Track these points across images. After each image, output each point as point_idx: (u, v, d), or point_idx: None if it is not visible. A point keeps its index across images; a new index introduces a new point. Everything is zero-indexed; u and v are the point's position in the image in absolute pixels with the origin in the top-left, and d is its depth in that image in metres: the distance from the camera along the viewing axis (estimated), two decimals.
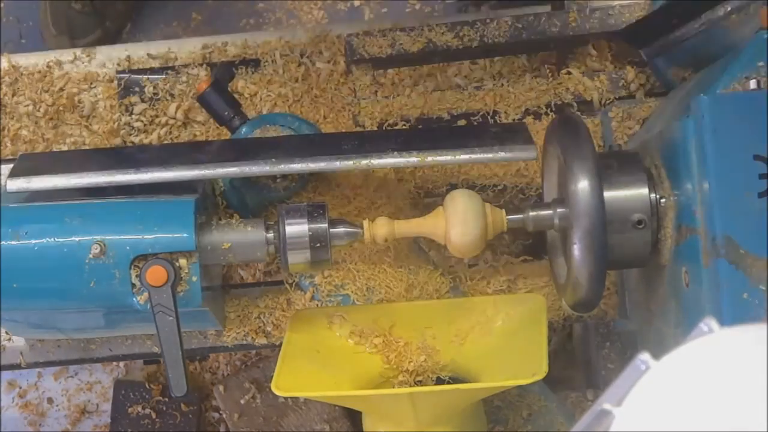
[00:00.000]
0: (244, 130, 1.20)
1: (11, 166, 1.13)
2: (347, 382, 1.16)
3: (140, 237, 1.07)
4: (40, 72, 1.34)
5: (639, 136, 1.24)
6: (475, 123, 1.30)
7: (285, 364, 1.12)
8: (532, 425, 1.30)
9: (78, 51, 1.36)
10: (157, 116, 1.33)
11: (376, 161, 1.11)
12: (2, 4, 1.96)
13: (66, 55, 1.36)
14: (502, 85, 1.33)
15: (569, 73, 1.33)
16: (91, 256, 1.06)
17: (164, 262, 1.06)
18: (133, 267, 1.07)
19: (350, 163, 1.11)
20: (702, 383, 0.57)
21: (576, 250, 1.04)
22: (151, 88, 1.33)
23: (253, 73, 1.35)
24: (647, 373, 0.59)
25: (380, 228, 1.11)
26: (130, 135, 1.33)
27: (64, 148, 1.33)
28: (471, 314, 1.20)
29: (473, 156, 1.10)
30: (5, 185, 1.10)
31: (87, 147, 1.33)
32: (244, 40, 1.36)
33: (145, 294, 1.06)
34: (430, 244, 1.25)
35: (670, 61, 1.24)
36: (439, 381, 1.20)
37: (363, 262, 1.24)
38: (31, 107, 1.34)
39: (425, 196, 1.30)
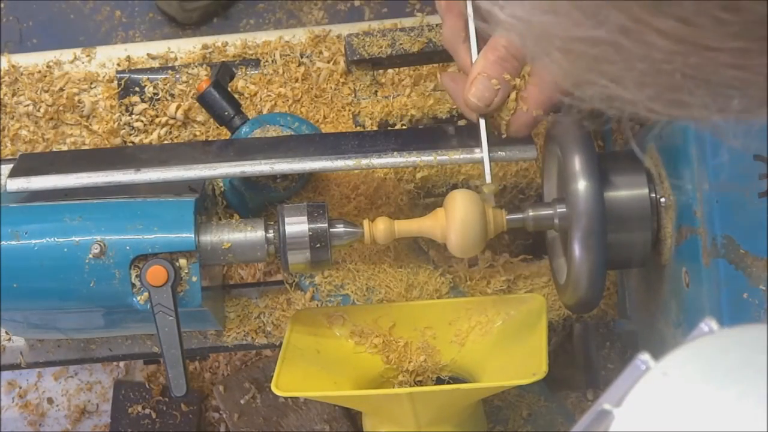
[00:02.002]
0: (244, 130, 1.20)
1: (11, 166, 1.13)
2: (347, 382, 1.16)
3: (140, 237, 1.07)
4: (40, 72, 1.34)
5: (639, 136, 1.24)
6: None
7: (285, 364, 1.12)
8: (532, 425, 1.30)
9: (78, 51, 1.36)
10: (157, 116, 1.33)
11: (376, 161, 1.11)
12: (2, 4, 1.96)
13: (66, 55, 1.36)
14: None
15: None
16: (91, 256, 1.06)
17: (164, 262, 1.06)
18: (133, 267, 1.07)
19: (350, 163, 1.11)
20: (702, 383, 0.57)
21: (576, 250, 1.04)
22: (151, 88, 1.33)
23: (253, 73, 1.34)
24: (647, 373, 0.59)
25: (380, 228, 1.11)
26: (130, 135, 1.33)
27: (64, 148, 1.33)
28: (471, 314, 1.20)
29: (473, 156, 1.10)
30: (5, 185, 1.10)
31: (87, 147, 1.33)
32: (244, 40, 1.36)
33: (145, 294, 1.06)
34: (430, 244, 1.25)
35: None
36: (439, 381, 1.20)
37: (363, 262, 1.24)
38: (31, 107, 1.34)
39: (425, 196, 1.30)
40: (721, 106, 0.53)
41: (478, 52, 1.03)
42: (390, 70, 1.33)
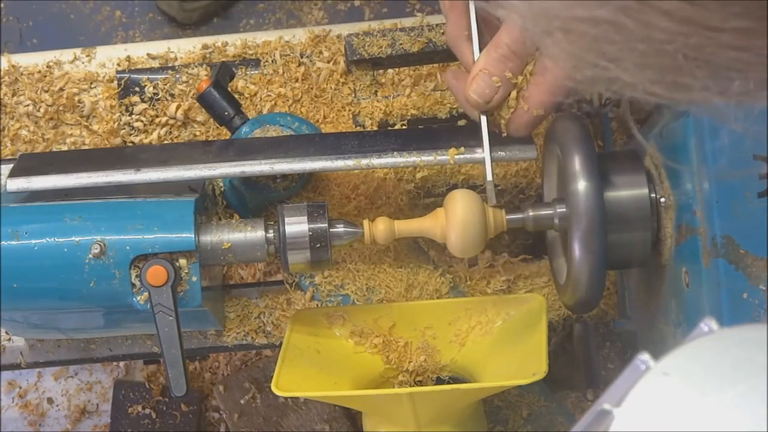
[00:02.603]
0: (244, 130, 1.20)
1: (11, 166, 1.13)
2: (347, 382, 1.16)
3: (140, 237, 1.07)
4: (40, 72, 1.34)
5: (639, 134, 1.24)
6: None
7: (285, 364, 1.12)
8: (532, 425, 1.30)
9: (78, 51, 1.36)
10: (157, 116, 1.33)
11: (376, 161, 1.11)
12: (2, 4, 1.97)
13: (66, 55, 1.36)
14: None
15: None
16: (91, 256, 1.06)
17: (164, 262, 1.06)
18: (133, 267, 1.07)
19: (350, 163, 1.11)
20: (702, 383, 0.57)
21: (576, 250, 1.04)
22: (151, 88, 1.33)
23: (253, 73, 1.34)
24: (647, 373, 0.59)
25: (380, 228, 1.11)
26: (130, 135, 1.33)
27: (64, 148, 1.33)
28: (471, 314, 1.20)
29: (473, 156, 1.10)
30: (5, 185, 1.10)
31: (87, 147, 1.33)
32: (244, 40, 1.36)
33: (145, 294, 1.06)
34: (430, 244, 1.25)
35: None
36: (439, 381, 1.20)
37: (363, 262, 1.24)
38: (31, 107, 1.34)
39: (425, 196, 1.30)
40: (721, 89, 0.53)
41: (481, 50, 1.03)
42: (390, 70, 1.33)
